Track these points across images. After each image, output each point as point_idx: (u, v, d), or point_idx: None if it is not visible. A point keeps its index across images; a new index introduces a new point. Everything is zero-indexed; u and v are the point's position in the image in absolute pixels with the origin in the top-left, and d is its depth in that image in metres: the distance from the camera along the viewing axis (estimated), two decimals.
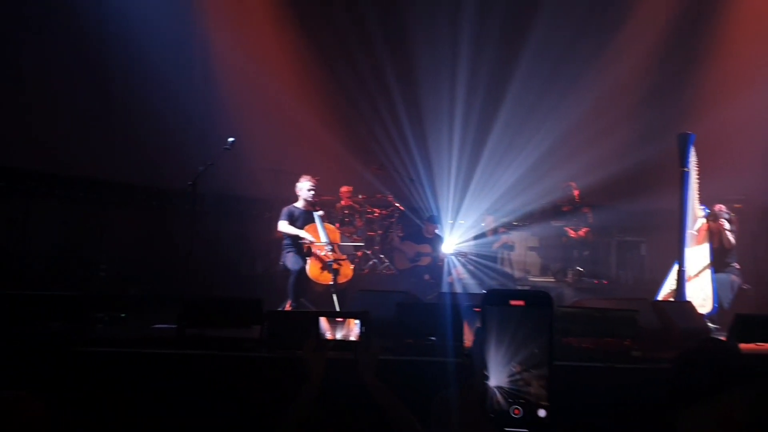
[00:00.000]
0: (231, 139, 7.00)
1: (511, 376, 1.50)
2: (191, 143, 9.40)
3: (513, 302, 1.53)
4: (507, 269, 9.65)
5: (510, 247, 9.53)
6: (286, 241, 7.44)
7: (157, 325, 5.67)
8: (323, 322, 2.57)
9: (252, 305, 4.49)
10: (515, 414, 1.52)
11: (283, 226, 7.36)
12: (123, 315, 5.95)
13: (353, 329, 2.55)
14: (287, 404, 2.51)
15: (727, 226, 7.09)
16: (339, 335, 2.55)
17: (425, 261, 9.16)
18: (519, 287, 9.08)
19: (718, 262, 6.99)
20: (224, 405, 3.76)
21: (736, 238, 7.22)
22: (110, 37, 9.01)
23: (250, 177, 9.73)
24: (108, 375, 4.02)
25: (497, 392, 1.51)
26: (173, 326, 4.67)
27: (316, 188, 7.64)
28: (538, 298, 1.55)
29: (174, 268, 7.70)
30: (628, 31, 10.53)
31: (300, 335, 2.69)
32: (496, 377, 1.51)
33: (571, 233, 9.46)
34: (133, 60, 9.16)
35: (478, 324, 1.56)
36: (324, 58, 10.76)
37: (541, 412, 1.52)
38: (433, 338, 4.50)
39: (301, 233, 7.30)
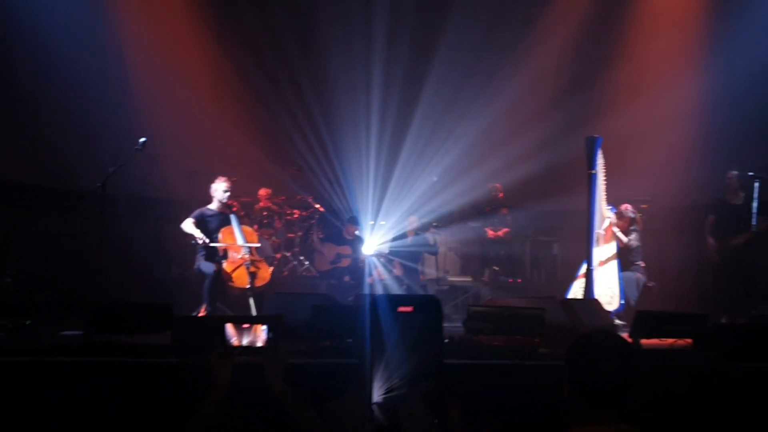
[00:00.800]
0: (142, 140, 6.81)
1: (396, 388, 1.49)
2: (103, 143, 9.08)
3: (401, 309, 1.54)
4: (427, 269, 9.76)
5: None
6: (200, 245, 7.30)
7: (65, 332, 5.49)
8: (229, 328, 2.55)
9: (161, 310, 4.39)
10: None
11: (186, 225, 7.12)
12: (28, 322, 5.73)
13: (260, 335, 2.54)
14: (194, 411, 2.48)
15: (619, 233, 7.39)
16: (246, 341, 2.54)
17: (345, 262, 9.16)
18: (438, 287, 9.23)
19: (624, 261, 7.30)
20: (132, 413, 3.68)
21: (642, 238, 7.54)
22: (16, 34, 8.66)
23: (163, 178, 9.51)
24: (10, 386, 3.86)
25: (380, 408, 1.50)
26: (81, 332, 4.53)
27: (232, 190, 7.51)
28: (426, 303, 1.57)
29: (84, 272, 7.46)
30: (537, 34, 10.85)
31: (209, 341, 2.65)
32: (380, 390, 1.50)
33: (491, 233, 9.66)
34: (41, 57, 8.83)
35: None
36: (237, 58, 10.57)
37: None
38: (349, 340, 4.52)
39: (197, 233, 7.05)
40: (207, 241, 7.06)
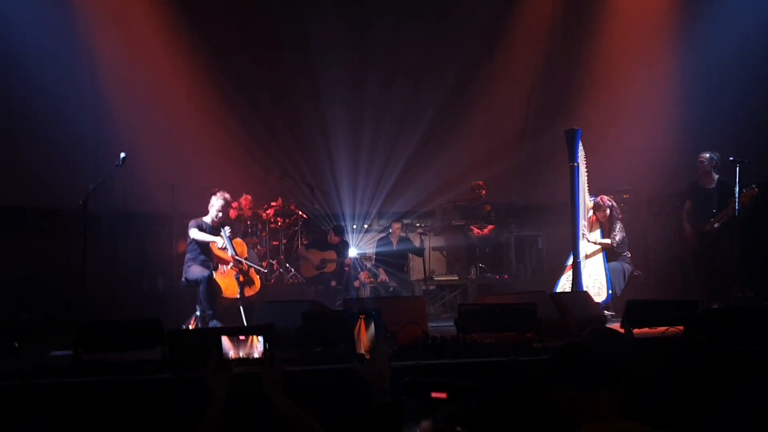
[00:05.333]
0: (122, 155, 6.77)
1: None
2: (82, 160, 9.04)
3: (434, 394, 1.49)
4: (412, 271, 9.77)
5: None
6: (188, 256, 7.28)
7: (54, 353, 5.43)
8: (225, 341, 2.53)
9: (151, 326, 4.35)
10: None
11: (196, 233, 7.22)
12: (15, 344, 5.66)
13: (257, 346, 2.52)
14: (192, 427, 2.46)
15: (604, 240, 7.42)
16: (242, 353, 2.52)
17: (331, 267, 9.15)
18: (425, 288, 9.22)
19: (610, 252, 7.34)
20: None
21: (626, 227, 7.59)
22: None
23: (145, 193, 9.44)
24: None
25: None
26: (70, 353, 4.47)
27: (228, 206, 7.61)
28: (462, 391, 1.49)
29: (70, 291, 7.39)
30: (511, 26, 10.93)
31: (203, 354, 2.62)
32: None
33: (476, 231, 9.68)
34: (15, 76, 8.75)
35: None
36: (213, 67, 10.51)
37: None
38: (341, 345, 4.51)
39: (214, 238, 7.22)
40: (223, 244, 7.21)
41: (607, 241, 7.32)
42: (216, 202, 7.44)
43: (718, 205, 7.42)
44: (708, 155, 7.57)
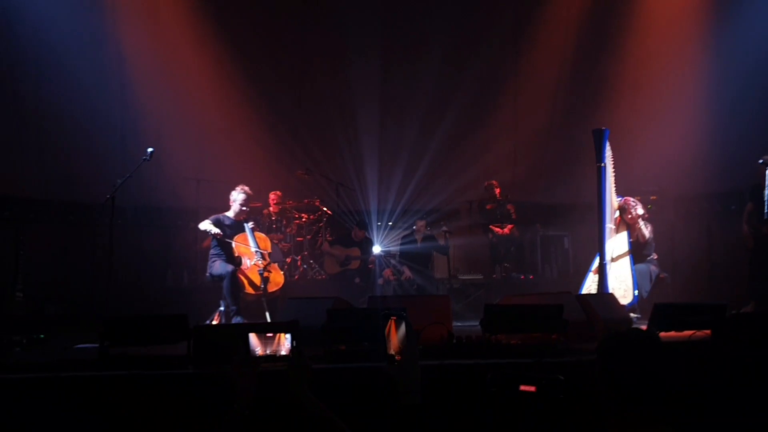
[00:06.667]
0: (150, 150, 6.81)
1: None
2: (111, 155, 9.14)
3: (523, 387, 1.50)
4: (436, 270, 9.71)
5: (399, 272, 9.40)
6: (212, 251, 7.30)
7: (79, 345, 5.48)
8: (253, 337, 2.52)
9: (177, 321, 4.37)
10: None
11: (203, 224, 7.17)
12: (42, 336, 5.73)
13: (284, 343, 2.51)
14: (216, 423, 2.46)
15: (640, 223, 7.32)
16: (269, 350, 2.51)
17: (355, 264, 9.14)
18: (450, 286, 9.18)
19: (637, 254, 7.24)
20: (152, 426, 3.65)
21: (653, 229, 7.49)
22: (18, 49, 8.70)
23: (172, 187, 9.51)
24: (26, 403, 3.83)
25: None
26: (96, 345, 4.50)
27: (249, 201, 7.59)
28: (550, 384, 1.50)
29: (96, 284, 7.46)
30: (542, 23, 10.84)
31: (229, 350, 2.62)
32: None
33: (497, 230, 9.62)
34: (43, 71, 8.88)
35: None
36: (242, 62, 10.55)
37: None
38: (365, 343, 4.49)
39: (213, 230, 7.10)
40: (221, 233, 7.13)
41: (646, 232, 7.23)
42: (238, 197, 7.46)
43: None
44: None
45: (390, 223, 10.50)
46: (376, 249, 9.50)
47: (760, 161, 7.14)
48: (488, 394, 1.61)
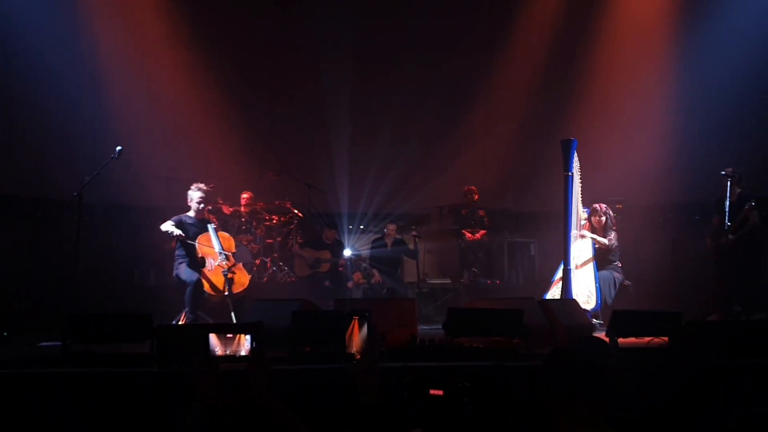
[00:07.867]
0: (118, 148, 6.79)
1: None
2: (78, 152, 9.05)
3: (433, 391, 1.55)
4: (406, 273, 9.77)
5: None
6: (178, 252, 7.24)
7: (43, 343, 5.44)
8: (213, 338, 2.56)
9: (141, 320, 4.38)
10: None
11: (164, 225, 7.11)
12: (5, 333, 5.67)
13: (244, 344, 2.55)
14: (177, 421, 2.48)
15: (597, 237, 7.44)
16: (229, 351, 2.55)
17: (325, 267, 9.16)
18: (419, 290, 9.25)
19: (601, 260, 7.38)
20: (114, 424, 3.66)
21: (619, 237, 7.62)
22: None
23: (141, 186, 9.45)
24: None
25: None
26: (60, 343, 4.50)
27: (207, 197, 7.53)
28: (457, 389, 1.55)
29: (61, 282, 7.39)
30: (511, 36, 10.99)
31: (192, 350, 2.65)
32: None
33: (468, 236, 9.71)
34: (15, 66, 8.77)
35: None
36: (213, 62, 10.51)
37: None
38: (331, 345, 4.53)
39: (175, 231, 7.03)
40: (183, 234, 7.07)
41: (605, 240, 7.36)
42: (194, 195, 7.37)
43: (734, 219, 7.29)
44: (731, 169, 7.41)
45: (361, 227, 10.53)
46: (347, 252, 9.54)
47: (723, 173, 7.33)
48: (402, 397, 1.67)
